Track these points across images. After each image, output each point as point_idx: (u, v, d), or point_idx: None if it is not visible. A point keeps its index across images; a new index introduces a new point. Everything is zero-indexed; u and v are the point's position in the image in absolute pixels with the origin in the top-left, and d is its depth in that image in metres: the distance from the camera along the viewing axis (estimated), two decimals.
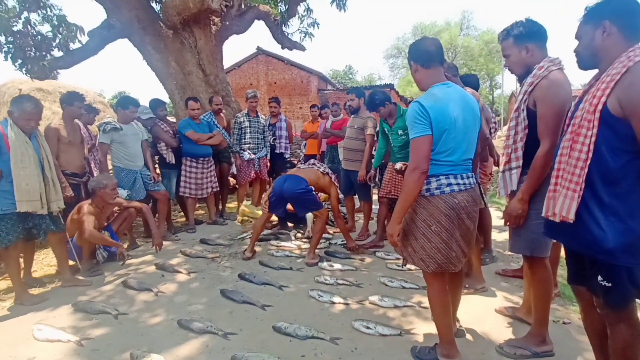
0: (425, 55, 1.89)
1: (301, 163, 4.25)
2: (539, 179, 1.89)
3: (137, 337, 2.28)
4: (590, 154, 1.44)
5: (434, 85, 1.88)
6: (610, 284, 1.43)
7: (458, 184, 1.84)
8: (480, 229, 3.43)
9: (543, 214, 1.69)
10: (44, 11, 7.62)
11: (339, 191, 4.02)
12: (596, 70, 1.56)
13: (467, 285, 2.83)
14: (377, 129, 4.07)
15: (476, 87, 3.41)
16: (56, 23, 6.27)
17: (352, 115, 4.33)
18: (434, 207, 1.83)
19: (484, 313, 2.55)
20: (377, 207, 4.12)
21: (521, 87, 2.10)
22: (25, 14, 6.88)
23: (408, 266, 2.22)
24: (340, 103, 6.22)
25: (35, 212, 2.64)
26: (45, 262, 3.65)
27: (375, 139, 4.17)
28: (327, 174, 3.83)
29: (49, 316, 2.54)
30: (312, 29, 8.63)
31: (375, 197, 4.39)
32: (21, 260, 2.98)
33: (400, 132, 3.60)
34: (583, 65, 1.60)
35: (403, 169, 3.49)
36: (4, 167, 2.52)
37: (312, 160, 4.09)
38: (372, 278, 3.13)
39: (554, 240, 2.02)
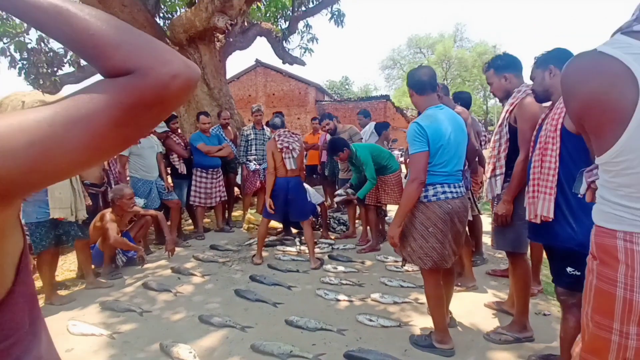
0: (420, 84, 2.22)
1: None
2: (519, 182, 2.21)
3: (163, 330, 2.53)
4: (557, 164, 1.78)
5: (429, 108, 2.20)
6: (579, 273, 1.72)
7: (452, 192, 2.15)
8: (472, 234, 3.76)
9: (526, 218, 2.02)
10: None
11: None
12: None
13: (459, 284, 3.12)
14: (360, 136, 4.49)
15: (468, 103, 3.73)
16: None
17: (331, 137, 4.72)
18: (431, 211, 2.12)
19: (474, 307, 2.83)
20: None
21: (503, 107, 2.44)
22: (34, 31, 7.23)
23: (406, 267, 2.52)
24: (337, 116, 6.56)
25: (66, 218, 2.90)
26: (64, 267, 3.89)
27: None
28: (299, 145, 3.93)
29: (79, 314, 2.78)
30: (311, 44, 9.04)
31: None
32: None
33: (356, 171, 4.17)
34: (539, 99, 2.02)
35: (344, 193, 3.98)
36: None
37: (281, 135, 3.93)
38: (373, 278, 3.40)
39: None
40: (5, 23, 7.72)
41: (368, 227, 4.60)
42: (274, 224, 5.01)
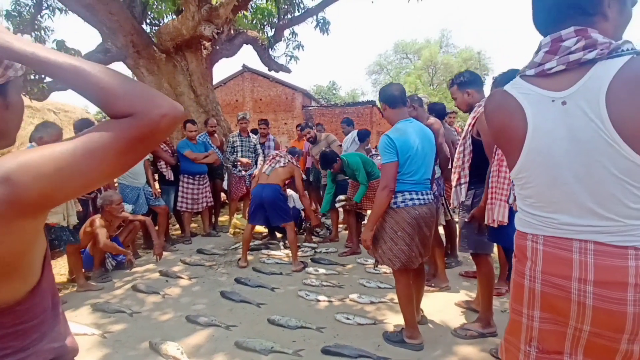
0: (392, 98, 2.43)
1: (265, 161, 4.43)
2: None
3: (152, 330, 2.68)
4: None
5: (399, 122, 2.41)
6: None
7: (419, 198, 2.36)
8: (447, 237, 4.00)
9: (485, 222, 2.25)
10: (38, 33, 8.00)
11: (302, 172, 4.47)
12: None
13: (433, 284, 3.34)
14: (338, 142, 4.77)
15: (441, 114, 3.98)
16: (55, 48, 6.61)
17: (312, 146, 4.93)
18: (399, 217, 2.33)
19: (446, 306, 3.05)
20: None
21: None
22: (20, 37, 7.25)
23: (384, 269, 2.73)
24: (323, 124, 6.78)
25: (58, 224, 3.03)
26: (55, 270, 3.97)
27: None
28: (287, 163, 4.19)
29: (71, 315, 2.90)
30: (297, 51, 9.25)
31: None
32: None
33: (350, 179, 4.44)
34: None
35: (344, 199, 4.23)
36: None
37: (273, 153, 4.41)
38: (352, 280, 3.59)
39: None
40: None
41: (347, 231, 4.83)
42: (259, 228, 5.18)
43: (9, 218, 0.53)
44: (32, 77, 6.35)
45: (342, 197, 4.44)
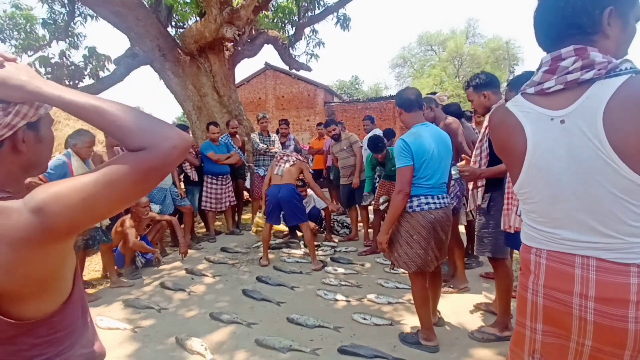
0: (407, 102, 2.44)
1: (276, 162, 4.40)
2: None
3: (178, 326, 2.83)
4: None
5: (415, 125, 2.43)
6: None
7: (435, 203, 2.36)
8: (469, 238, 3.96)
9: (501, 228, 2.25)
10: (71, 39, 8.41)
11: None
12: None
13: (452, 285, 3.34)
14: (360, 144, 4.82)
15: (459, 114, 3.93)
16: (87, 54, 6.96)
17: (335, 142, 4.94)
18: (415, 220, 2.35)
19: (464, 308, 3.04)
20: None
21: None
22: (55, 44, 7.69)
23: (396, 268, 2.76)
24: (344, 122, 6.80)
25: (92, 225, 3.23)
26: (91, 267, 4.25)
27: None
28: (295, 161, 4.28)
29: (105, 310, 3.11)
30: (317, 49, 9.27)
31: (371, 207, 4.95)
32: None
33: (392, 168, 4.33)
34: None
35: (385, 202, 4.24)
36: None
37: (280, 154, 4.50)
38: (371, 280, 3.64)
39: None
40: (29, 36, 8.21)
41: (371, 229, 4.84)
42: (280, 227, 5.31)
43: (43, 243, 0.63)
44: (67, 83, 6.71)
45: (384, 197, 4.44)
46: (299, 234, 5.25)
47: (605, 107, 0.87)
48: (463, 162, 2.69)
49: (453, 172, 2.62)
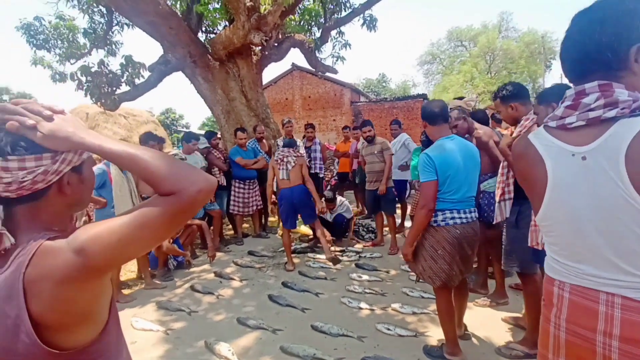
0: (431, 116, 2.41)
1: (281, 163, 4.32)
2: None
3: (207, 329, 2.95)
4: None
5: (440, 139, 2.40)
6: None
7: (460, 217, 2.33)
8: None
9: (529, 244, 2.19)
10: (110, 47, 8.84)
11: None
12: None
13: (490, 300, 3.24)
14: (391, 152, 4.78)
15: (485, 120, 3.83)
16: (124, 62, 7.30)
17: (368, 144, 4.90)
18: (440, 235, 2.32)
19: (491, 321, 2.98)
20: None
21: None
22: (95, 52, 8.13)
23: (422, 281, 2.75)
24: (372, 121, 6.74)
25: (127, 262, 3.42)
26: (126, 268, 4.48)
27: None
28: (295, 160, 4.26)
29: (139, 311, 3.29)
30: (343, 50, 9.27)
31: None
32: None
33: None
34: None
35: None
36: (108, 196, 3.32)
37: (279, 156, 4.36)
38: (396, 288, 3.63)
39: None
40: (71, 45, 8.70)
41: (399, 234, 4.82)
42: (305, 231, 5.38)
43: (84, 280, 0.70)
44: (106, 90, 7.08)
45: None
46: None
47: (628, 147, 0.85)
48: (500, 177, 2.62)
49: (482, 187, 2.57)
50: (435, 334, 2.79)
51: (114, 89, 7.20)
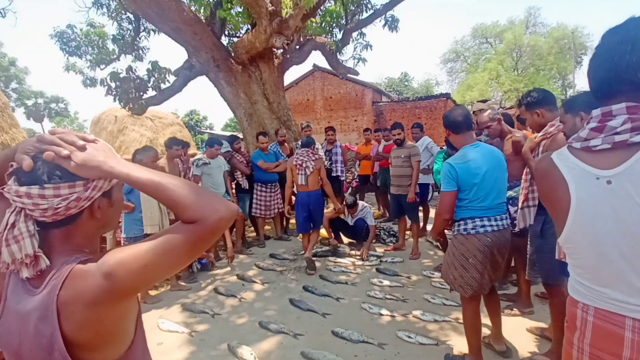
0: (455, 125, 2.39)
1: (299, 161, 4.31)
2: None
3: (230, 332, 3.02)
4: None
5: (464, 147, 2.37)
6: None
7: (491, 225, 2.30)
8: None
9: (556, 257, 2.13)
10: (137, 52, 9.14)
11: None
12: None
13: (515, 308, 3.17)
14: (419, 158, 4.65)
15: (510, 124, 3.73)
16: (150, 68, 7.55)
17: (397, 147, 4.82)
18: (470, 244, 2.30)
19: (516, 330, 2.90)
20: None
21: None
22: (123, 57, 8.43)
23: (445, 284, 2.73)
24: (392, 122, 6.68)
25: (155, 233, 3.54)
26: None
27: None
28: (314, 165, 4.25)
29: (165, 313, 3.40)
30: (365, 52, 9.22)
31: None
32: None
33: None
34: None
35: None
36: (136, 201, 3.45)
37: (298, 160, 4.32)
38: (417, 294, 3.59)
39: None
40: (101, 51, 9.06)
41: (422, 238, 4.76)
42: (325, 234, 5.40)
43: (111, 303, 0.75)
44: (133, 95, 7.34)
45: None
46: (345, 240, 5.32)
47: None
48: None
49: (514, 193, 2.52)
50: (457, 343, 2.75)
51: (141, 93, 7.46)
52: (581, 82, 51.57)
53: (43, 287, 0.75)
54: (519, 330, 2.91)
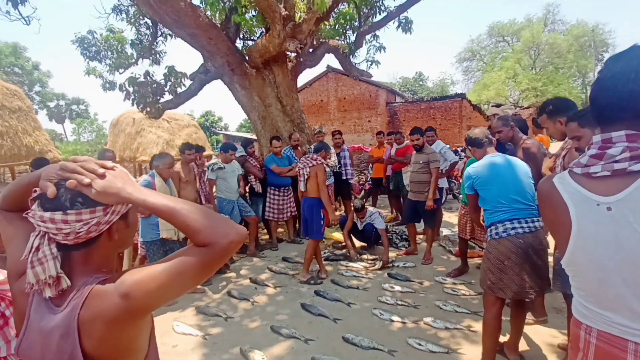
0: (477, 141, 2.64)
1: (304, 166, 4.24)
2: None
3: (242, 336, 3.08)
4: None
5: (485, 157, 2.57)
6: None
7: (522, 227, 2.33)
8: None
9: None
10: (154, 57, 9.34)
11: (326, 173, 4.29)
12: None
13: (527, 317, 3.14)
14: (438, 165, 4.57)
15: (524, 129, 3.69)
16: (167, 72, 7.71)
17: (416, 152, 4.78)
18: (503, 247, 2.35)
19: (529, 342, 2.87)
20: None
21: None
22: (141, 61, 8.64)
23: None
24: (408, 122, 6.66)
25: (171, 238, 3.64)
26: None
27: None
28: (309, 171, 4.18)
29: (180, 315, 3.49)
30: (378, 54, 9.19)
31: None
32: None
33: None
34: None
35: None
36: None
37: (301, 160, 4.33)
38: (428, 300, 3.59)
39: None
40: (120, 56, 9.30)
41: (436, 242, 4.73)
42: (338, 237, 5.42)
43: (128, 321, 0.80)
44: (151, 99, 7.51)
45: None
46: (358, 244, 5.33)
47: None
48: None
49: None
50: (468, 352, 2.74)
51: (158, 98, 7.63)
52: None
53: (65, 306, 0.81)
54: (532, 339, 2.87)
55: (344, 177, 6.06)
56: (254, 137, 9.62)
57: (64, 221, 0.79)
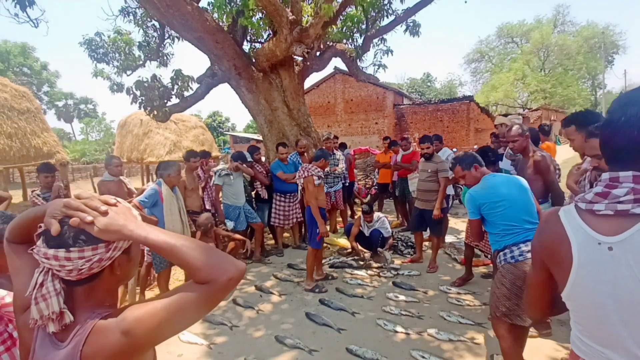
0: (477, 161, 2.59)
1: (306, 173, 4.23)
2: None
3: (247, 346, 3.10)
4: None
5: (484, 177, 2.52)
6: None
7: None
8: None
9: None
10: (162, 59, 9.41)
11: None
12: None
13: (531, 330, 3.11)
14: (446, 174, 4.52)
15: (536, 141, 3.66)
16: (174, 76, 7.77)
17: (424, 160, 4.77)
18: (519, 270, 2.25)
19: (532, 355, 2.85)
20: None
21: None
22: (149, 63, 8.71)
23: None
24: (410, 135, 6.66)
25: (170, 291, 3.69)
26: (175, 277, 4.79)
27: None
28: (302, 183, 4.23)
29: None
30: (385, 57, 9.18)
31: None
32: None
33: None
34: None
35: None
36: (159, 214, 3.59)
37: (299, 173, 4.33)
38: (433, 311, 3.58)
39: None
40: (128, 57, 9.39)
41: (440, 248, 4.71)
42: (343, 243, 5.43)
43: (129, 357, 0.82)
44: (157, 102, 7.57)
45: None
46: (365, 251, 5.33)
47: None
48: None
49: None
50: None
51: (165, 101, 7.68)
52: (611, 82, 49.39)
53: (68, 342, 0.83)
54: (535, 354, 2.86)
55: (342, 181, 6.12)
56: (261, 138, 9.66)
57: (67, 258, 0.80)
